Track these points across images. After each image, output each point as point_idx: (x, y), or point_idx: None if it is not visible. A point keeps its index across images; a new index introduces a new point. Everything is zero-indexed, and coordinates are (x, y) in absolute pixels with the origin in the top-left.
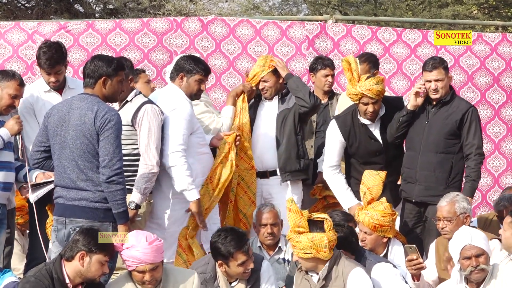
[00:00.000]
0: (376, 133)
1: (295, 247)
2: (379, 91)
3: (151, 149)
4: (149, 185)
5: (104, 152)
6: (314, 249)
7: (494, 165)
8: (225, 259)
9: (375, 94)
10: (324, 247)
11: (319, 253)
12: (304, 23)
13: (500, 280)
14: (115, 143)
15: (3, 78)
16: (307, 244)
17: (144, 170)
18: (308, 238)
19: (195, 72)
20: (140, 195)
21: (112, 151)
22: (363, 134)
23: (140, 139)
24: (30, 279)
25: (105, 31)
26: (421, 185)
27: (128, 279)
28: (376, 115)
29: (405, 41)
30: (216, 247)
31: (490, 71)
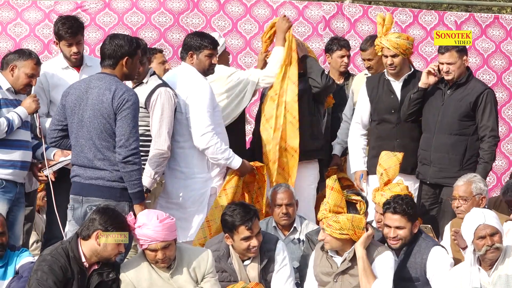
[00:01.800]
0: (397, 89)
1: (330, 226)
2: (398, 44)
3: (163, 133)
4: (159, 170)
5: (120, 132)
6: (352, 230)
7: (509, 148)
8: (230, 232)
9: (393, 46)
10: (362, 228)
11: (356, 234)
12: (320, 3)
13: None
14: (132, 123)
15: (19, 57)
16: (346, 224)
17: (155, 154)
18: (348, 218)
19: (203, 47)
20: (150, 179)
21: (129, 131)
22: (385, 88)
23: (152, 122)
24: (47, 258)
25: (121, 10)
26: (435, 167)
27: (142, 259)
28: (396, 70)
29: (421, 23)
30: (224, 219)
31: (506, 55)
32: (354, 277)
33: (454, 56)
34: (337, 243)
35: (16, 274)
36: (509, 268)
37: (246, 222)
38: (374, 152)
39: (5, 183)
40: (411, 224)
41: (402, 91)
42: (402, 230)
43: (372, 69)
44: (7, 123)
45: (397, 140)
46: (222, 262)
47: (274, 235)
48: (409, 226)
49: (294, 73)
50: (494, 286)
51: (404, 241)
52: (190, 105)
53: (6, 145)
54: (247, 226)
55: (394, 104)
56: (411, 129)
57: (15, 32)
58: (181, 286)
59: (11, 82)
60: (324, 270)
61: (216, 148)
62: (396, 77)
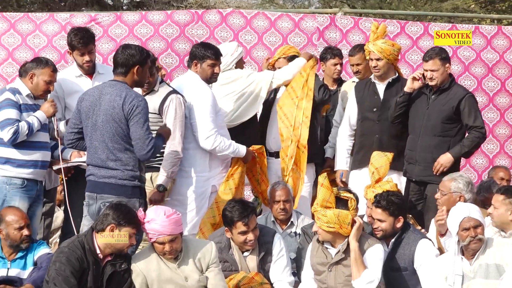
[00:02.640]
0: (380, 90)
1: (319, 219)
2: (382, 48)
3: (177, 136)
4: (175, 169)
5: (136, 136)
6: (338, 225)
7: (488, 148)
8: (229, 226)
9: (378, 50)
10: (347, 224)
11: (341, 229)
12: (315, 15)
13: (493, 251)
14: (145, 126)
15: (37, 65)
16: (332, 218)
17: (170, 156)
18: (334, 213)
19: (206, 57)
20: (167, 178)
21: (143, 134)
22: (370, 90)
23: None
24: (64, 250)
25: (132, 22)
26: (421, 166)
27: (151, 251)
28: (380, 72)
29: (408, 33)
30: (224, 214)
31: (485, 63)
32: (347, 268)
33: (437, 63)
34: (327, 235)
35: (35, 264)
36: (489, 257)
37: (243, 218)
38: (357, 148)
39: (26, 182)
40: (393, 219)
41: (385, 92)
42: (383, 223)
43: (360, 73)
44: (27, 127)
45: (376, 136)
46: (224, 253)
47: (272, 228)
48: (390, 220)
49: (311, 81)
50: (475, 274)
51: (385, 233)
52: (195, 111)
53: (27, 147)
54: (244, 222)
55: (376, 103)
56: (390, 127)
57: (34, 43)
58: (188, 276)
59: (31, 89)
60: (320, 261)
61: (222, 146)
62: (381, 80)
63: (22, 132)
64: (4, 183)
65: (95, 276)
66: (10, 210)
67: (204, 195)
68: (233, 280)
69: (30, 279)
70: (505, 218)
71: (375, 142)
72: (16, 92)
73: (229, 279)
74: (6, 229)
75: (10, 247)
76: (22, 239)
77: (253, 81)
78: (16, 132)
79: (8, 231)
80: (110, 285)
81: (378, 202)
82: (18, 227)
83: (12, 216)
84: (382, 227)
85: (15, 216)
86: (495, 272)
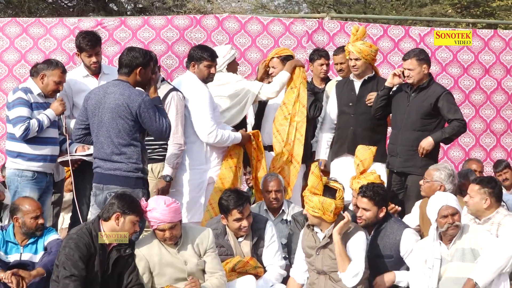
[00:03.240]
0: (357, 87)
1: (307, 203)
2: (361, 49)
3: (179, 130)
4: (179, 160)
5: (153, 130)
6: (321, 211)
7: (464, 141)
8: (225, 214)
9: (357, 51)
10: (330, 211)
11: (324, 215)
12: (304, 20)
13: (469, 236)
14: (154, 116)
15: (48, 67)
16: (317, 205)
17: (174, 148)
18: (319, 200)
19: (203, 59)
20: (172, 169)
21: (159, 126)
22: (348, 87)
23: None
24: (73, 236)
25: (135, 27)
26: (401, 158)
27: (153, 237)
28: (358, 71)
29: (390, 36)
30: (220, 203)
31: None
32: (333, 252)
33: (414, 63)
34: (313, 219)
35: (45, 249)
36: (465, 242)
37: (238, 207)
38: (335, 140)
39: (36, 175)
40: (377, 209)
41: (361, 88)
42: (368, 212)
43: (343, 71)
44: (38, 124)
45: (351, 128)
46: (220, 238)
47: (264, 217)
48: (374, 210)
49: (304, 97)
50: (452, 258)
51: (368, 222)
52: (194, 109)
53: (38, 142)
54: (239, 210)
55: (352, 98)
56: (364, 120)
57: (44, 46)
58: (187, 260)
59: (41, 88)
60: (309, 244)
61: (222, 139)
62: (358, 78)
63: (32, 129)
64: (16, 175)
65: (101, 260)
66: (26, 200)
67: (201, 186)
68: (229, 264)
69: (41, 263)
70: (479, 206)
71: (350, 134)
72: (28, 91)
73: (225, 263)
74: (23, 218)
75: (24, 234)
76: (37, 227)
77: (241, 89)
78: (27, 129)
79: (24, 219)
80: (115, 268)
81: (364, 192)
82: (34, 216)
83: (28, 206)
84: (367, 216)
85: (31, 206)
86: (470, 256)
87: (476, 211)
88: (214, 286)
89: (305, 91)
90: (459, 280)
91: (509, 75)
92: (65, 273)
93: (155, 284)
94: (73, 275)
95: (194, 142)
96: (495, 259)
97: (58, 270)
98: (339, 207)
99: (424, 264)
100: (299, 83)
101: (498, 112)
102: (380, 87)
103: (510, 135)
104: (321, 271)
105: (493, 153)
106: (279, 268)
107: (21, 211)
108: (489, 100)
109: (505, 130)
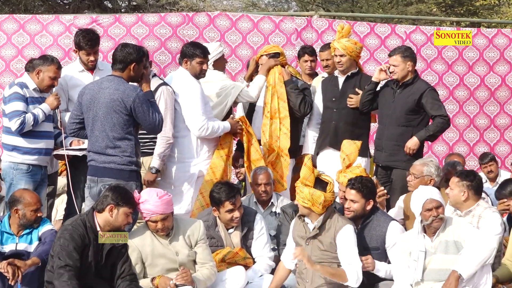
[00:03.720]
0: (340, 82)
1: (298, 194)
2: (346, 46)
3: (168, 123)
4: (167, 153)
5: (146, 123)
6: (311, 202)
7: (448, 136)
8: (217, 206)
9: (342, 47)
10: (319, 203)
11: (313, 207)
12: (293, 18)
13: (452, 229)
14: (147, 110)
15: (44, 63)
16: (307, 196)
17: (162, 141)
18: (309, 192)
19: (195, 55)
20: (159, 161)
21: (152, 120)
22: (332, 83)
23: None
24: (68, 227)
25: (129, 23)
26: (387, 152)
27: (146, 228)
28: (343, 67)
29: (377, 33)
30: (212, 195)
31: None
32: (322, 243)
33: (398, 60)
34: (303, 209)
35: (39, 240)
36: (449, 235)
37: (231, 198)
38: (319, 133)
39: (31, 168)
40: (365, 201)
41: (344, 84)
42: (356, 203)
43: (329, 67)
44: (33, 118)
45: (333, 123)
46: (210, 230)
47: (254, 209)
48: (362, 202)
49: (282, 93)
50: (436, 250)
51: (356, 213)
52: (186, 104)
53: (33, 136)
54: (231, 202)
55: (335, 93)
56: (346, 115)
57: (41, 42)
58: (178, 251)
59: (37, 83)
60: (300, 234)
61: (213, 131)
62: (342, 74)
63: (28, 123)
64: (11, 168)
65: (95, 251)
66: (27, 193)
67: (191, 179)
68: (219, 254)
69: (35, 252)
70: (458, 199)
71: (332, 128)
72: (24, 86)
73: (215, 253)
74: (24, 210)
75: (21, 225)
76: (36, 220)
77: (224, 89)
78: (23, 123)
79: (25, 212)
80: (109, 259)
81: (353, 184)
82: (34, 209)
83: (29, 199)
84: (354, 207)
85: (32, 199)
86: (453, 248)
87: (455, 203)
88: (205, 276)
89: (283, 87)
90: (443, 272)
91: (492, 71)
92: (60, 263)
93: (147, 275)
94: (68, 265)
95: (185, 136)
96: (478, 252)
97: (53, 260)
98: (329, 200)
99: (409, 257)
100: (273, 80)
101: (481, 108)
102: (363, 83)
103: (493, 130)
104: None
105: (476, 148)
106: (268, 259)
107: (22, 203)
108: (473, 96)
109: (488, 125)
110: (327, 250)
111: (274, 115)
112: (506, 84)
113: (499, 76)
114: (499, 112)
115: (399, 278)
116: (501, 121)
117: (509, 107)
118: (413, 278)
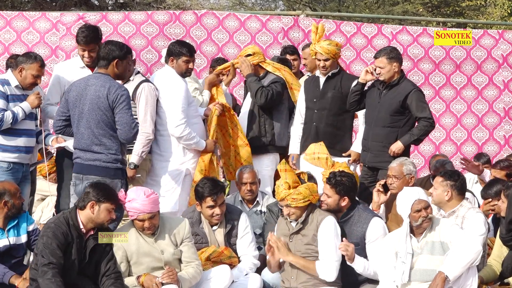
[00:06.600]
0: (321, 83)
1: (295, 199)
2: (329, 50)
3: (148, 120)
4: (145, 149)
5: (123, 121)
6: (311, 195)
7: (435, 136)
8: (199, 200)
9: (325, 52)
10: (316, 192)
11: (314, 198)
12: (280, 17)
13: (438, 229)
14: (129, 112)
15: (27, 60)
16: (306, 192)
17: (142, 137)
18: (306, 188)
19: (181, 54)
20: (137, 157)
21: (129, 119)
22: (314, 83)
23: (138, 111)
24: (51, 225)
25: (116, 21)
26: (372, 153)
27: (131, 226)
28: (327, 71)
29: (363, 33)
30: (196, 189)
31: (432, 60)
32: (305, 237)
33: (384, 61)
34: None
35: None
36: (435, 235)
37: (213, 195)
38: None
39: (12, 165)
40: (339, 197)
41: (324, 85)
42: (329, 198)
43: (307, 66)
44: (12, 116)
45: (313, 124)
46: (195, 227)
47: (239, 208)
48: (335, 198)
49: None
50: (422, 250)
51: (329, 208)
52: (167, 100)
53: (12, 133)
54: (213, 198)
55: (316, 94)
56: (326, 116)
57: (27, 39)
58: (164, 249)
59: (19, 81)
60: (284, 232)
61: (188, 137)
62: (323, 74)
63: (6, 121)
64: None
65: (78, 249)
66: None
67: (178, 177)
68: (204, 253)
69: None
70: (442, 198)
71: (313, 130)
72: (5, 83)
73: (200, 252)
74: (11, 200)
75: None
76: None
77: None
78: (1, 120)
79: (13, 201)
80: (93, 257)
81: (329, 179)
82: (19, 196)
83: (12, 188)
84: (327, 202)
85: (13, 187)
86: (439, 249)
87: (439, 202)
88: (190, 275)
89: (223, 96)
90: (429, 272)
91: (479, 71)
92: (43, 261)
93: (132, 273)
94: (51, 263)
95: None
96: (464, 254)
97: (36, 258)
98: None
99: (394, 257)
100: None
101: (469, 107)
102: (344, 82)
103: (481, 130)
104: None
105: (464, 147)
106: (253, 258)
107: (7, 194)
108: (459, 96)
109: (476, 124)
110: (311, 244)
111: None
112: (494, 83)
113: (486, 75)
114: (488, 111)
115: (385, 279)
116: (489, 120)
117: (498, 105)
118: (401, 279)
